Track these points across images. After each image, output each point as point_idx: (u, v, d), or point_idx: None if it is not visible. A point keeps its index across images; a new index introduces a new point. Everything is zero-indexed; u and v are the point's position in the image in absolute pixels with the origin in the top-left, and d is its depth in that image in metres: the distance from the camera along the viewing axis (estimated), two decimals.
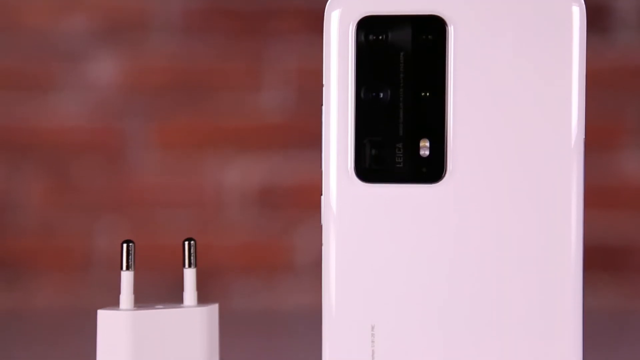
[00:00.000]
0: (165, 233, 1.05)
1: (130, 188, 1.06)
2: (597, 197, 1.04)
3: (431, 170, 0.40)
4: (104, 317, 0.41)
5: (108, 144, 1.07)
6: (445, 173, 0.40)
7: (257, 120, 1.07)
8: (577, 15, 0.41)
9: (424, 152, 0.41)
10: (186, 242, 0.43)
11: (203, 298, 0.44)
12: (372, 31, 0.41)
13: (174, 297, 0.45)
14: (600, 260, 1.04)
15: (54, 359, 0.76)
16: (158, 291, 1.00)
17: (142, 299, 0.44)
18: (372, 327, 0.41)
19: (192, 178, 1.07)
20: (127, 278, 0.41)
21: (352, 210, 0.41)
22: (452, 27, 0.41)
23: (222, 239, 1.06)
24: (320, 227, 0.41)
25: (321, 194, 0.41)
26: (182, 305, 0.42)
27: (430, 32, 0.41)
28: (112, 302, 0.43)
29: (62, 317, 0.99)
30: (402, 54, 0.41)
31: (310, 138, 1.01)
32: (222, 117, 1.07)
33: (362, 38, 0.41)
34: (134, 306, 0.41)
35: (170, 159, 1.07)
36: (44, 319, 0.99)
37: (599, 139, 1.04)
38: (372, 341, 0.41)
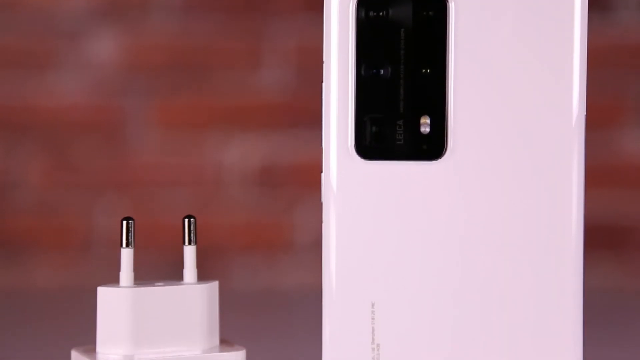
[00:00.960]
0: (165, 212, 1.05)
1: (130, 167, 1.06)
2: (597, 175, 1.04)
3: (432, 147, 0.40)
4: (104, 294, 0.41)
5: (108, 123, 1.06)
6: (445, 150, 0.40)
7: (257, 99, 1.06)
8: None
9: (425, 129, 0.40)
10: (186, 220, 0.42)
11: (203, 277, 0.44)
12: (372, 8, 0.40)
13: (174, 275, 0.45)
14: (601, 239, 1.04)
15: (54, 336, 0.76)
16: (158, 270, 1.00)
17: (142, 278, 0.43)
18: (372, 305, 0.41)
19: (192, 157, 1.07)
20: (126, 255, 0.41)
21: (353, 188, 0.40)
22: (453, 3, 0.40)
23: (223, 218, 1.06)
24: (321, 205, 0.41)
25: (321, 172, 0.41)
26: (182, 282, 0.42)
27: (431, 8, 0.40)
28: (112, 280, 0.43)
29: (62, 296, 0.99)
30: (402, 30, 0.40)
31: (310, 116, 1.01)
32: (222, 95, 1.06)
33: (363, 14, 0.40)
34: (134, 283, 0.41)
35: (170, 138, 1.07)
36: (43, 297, 0.99)
37: (600, 117, 1.04)
38: (373, 318, 0.41)
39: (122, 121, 1.07)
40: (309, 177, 1.04)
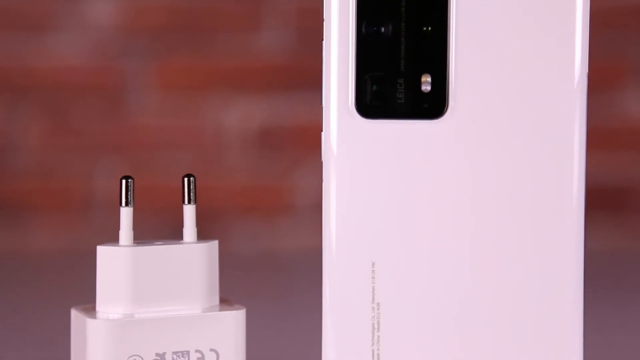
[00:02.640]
0: (164, 174, 1.05)
1: (129, 129, 1.06)
2: (598, 138, 1.04)
3: (433, 105, 0.40)
4: (104, 253, 0.41)
5: (107, 85, 1.06)
6: (446, 109, 0.40)
7: (257, 61, 1.06)
8: None
9: (426, 87, 0.40)
10: (185, 178, 0.42)
11: (203, 239, 0.44)
12: None
13: (174, 238, 0.45)
14: (601, 201, 1.04)
15: (54, 296, 0.77)
16: (157, 232, 1.00)
17: (142, 239, 0.43)
18: (373, 264, 0.41)
19: (191, 119, 1.07)
20: (126, 214, 0.41)
21: (353, 146, 0.40)
22: None
23: (222, 181, 1.06)
24: (321, 167, 0.41)
25: (321, 132, 0.41)
26: (181, 241, 0.42)
27: None
28: (112, 241, 0.43)
29: (62, 257, 0.99)
30: None
31: (310, 78, 1.00)
32: (221, 57, 1.06)
33: None
34: (134, 242, 0.41)
35: (169, 100, 1.06)
36: (43, 259, 0.99)
37: (601, 79, 1.03)
38: (373, 277, 0.40)
39: (122, 83, 1.06)
40: (309, 140, 1.04)
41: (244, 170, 1.06)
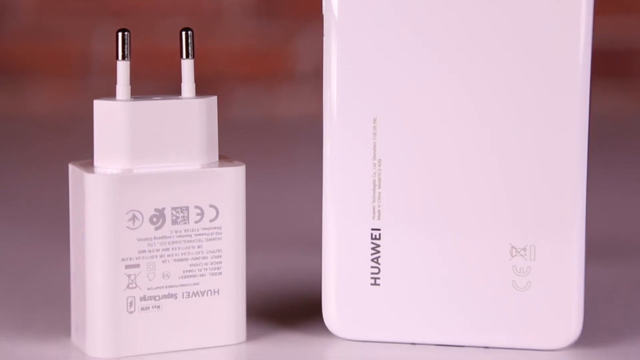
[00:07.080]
0: (163, 39, 1.04)
1: None
2: (602, 1, 1.02)
3: None
4: (101, 107, 0.40)
5: None
6: None
7: None
8: None
9: None
10: (183, 32, 0.41)
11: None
12: None
13: None
14: (606, 66, 1.03)
15: (53, 157, 0.77)
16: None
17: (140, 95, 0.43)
18: (374, 120, 0.40)
19: None
20: (123, 68, 0.40)
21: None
22: None
23: (222, 46, 1.05)
24: (322, 28, 0.40)
25: None
26: (180, 97, 0.41)
27: None
28: None
29: (60, 121, 0.99)
30: None
31: None
32: None
33: None
34: (131, 97, 0.40)
35: None
36: (42, 122, 0.99)
37: None
38: (374, 134, 0.40)
39: None
40: (310, 4, 1.03)
41: (243, 35, 1.05)
